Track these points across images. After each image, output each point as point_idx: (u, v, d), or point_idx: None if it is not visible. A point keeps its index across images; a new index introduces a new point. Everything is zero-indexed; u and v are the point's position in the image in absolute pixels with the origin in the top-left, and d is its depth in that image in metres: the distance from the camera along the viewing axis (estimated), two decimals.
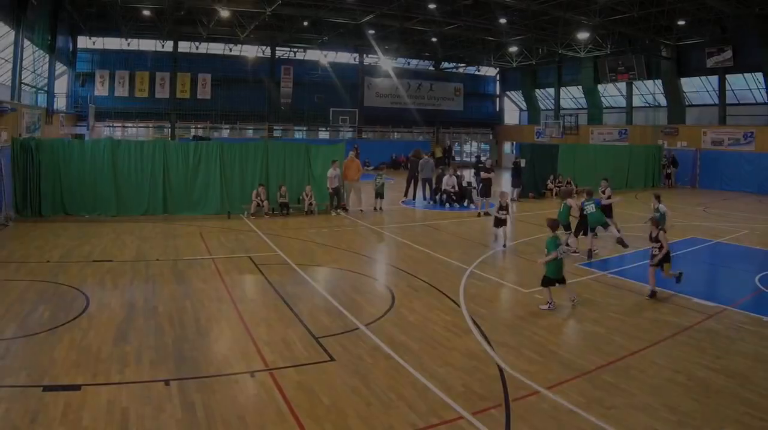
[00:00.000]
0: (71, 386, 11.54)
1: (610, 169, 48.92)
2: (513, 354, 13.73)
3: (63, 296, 17.48)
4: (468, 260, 23.45)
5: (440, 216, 35.30)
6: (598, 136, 71.10)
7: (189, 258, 23.13)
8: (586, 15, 51.49)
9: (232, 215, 32.97)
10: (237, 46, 73.37)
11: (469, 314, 16.63)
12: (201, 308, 16.82)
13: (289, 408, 10.97)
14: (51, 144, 32.29)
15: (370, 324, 15.73)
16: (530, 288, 19.42)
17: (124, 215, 31.90)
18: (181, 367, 12.69)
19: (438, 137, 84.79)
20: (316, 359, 13.33)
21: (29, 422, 10.13)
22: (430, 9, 53.67)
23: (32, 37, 45.97)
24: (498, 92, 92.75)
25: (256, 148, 34.69)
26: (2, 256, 22.58)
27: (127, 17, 61.30)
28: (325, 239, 27.62)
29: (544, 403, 11.35)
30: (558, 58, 74.01)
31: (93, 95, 65.32)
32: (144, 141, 40.01)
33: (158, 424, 10.28)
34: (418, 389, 11.86)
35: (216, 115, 73.48)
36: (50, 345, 13.58)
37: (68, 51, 64.89)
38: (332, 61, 78.65)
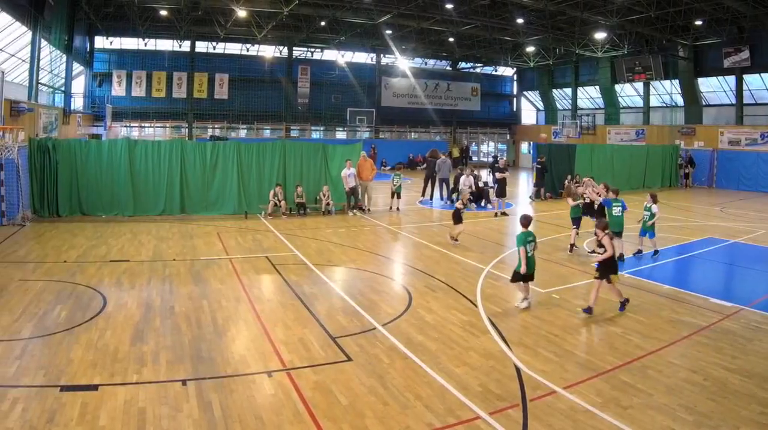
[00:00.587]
0: (88, 386, 11.57)
1: (627, 169, 49.11)
2: (530, 354, 13.72)
3: (80, 296, 17.49)
4: (485, 259, 23.43)
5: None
6: (615, 137, 70.87)
7: (206, 258, 23.16)
8: (603, 15, 51.47)
9: (249, 215, 32.98)
10: (254, 46, 73.36)
11: (486, 314, 16.63)
12: (218, 308, 16.83)
13: (306, 408, 10.98)
14: (68, 144, 32.32)
15: (387, 324, 15.73)
16: (547, 288, 19.42)
17: (141, 215, 31.96)
18: (199, 367, 12.71)
19: (455, 137, 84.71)
20: (333, 359, 13.32)
21: (46, 422, 10.15)
22: (447, 9, 53.56)
23: (49, 37, 46.01)
24: (515, 92, 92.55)
25: (274, 148, 34.64)
26: (19, 256, 22.64)
27: (143, 17, 61.51)
28: (343, 238, 27.60)
29: (561, 403, 11.33)
30: (575, 58, 73.90)
31: (110, 95, 65.38)
32: (161, 141, 39.92)
33: (175, 424, 10.30)
34: (435, 389, 11.85)
35: (233, 115, 73.44)
36: (67, 345, 13.60)
37: (85, 51, 65.07)
38: (349, 61, 78.60)
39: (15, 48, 41.93)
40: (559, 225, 29.17)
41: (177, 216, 32.36)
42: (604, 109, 75.93)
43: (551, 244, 26.59)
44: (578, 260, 23.85)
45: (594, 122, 73.97)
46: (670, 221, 33.65)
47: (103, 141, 41.55)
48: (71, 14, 52.40)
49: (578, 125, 74.38)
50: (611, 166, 48.94)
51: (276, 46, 74.67)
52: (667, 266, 23.59)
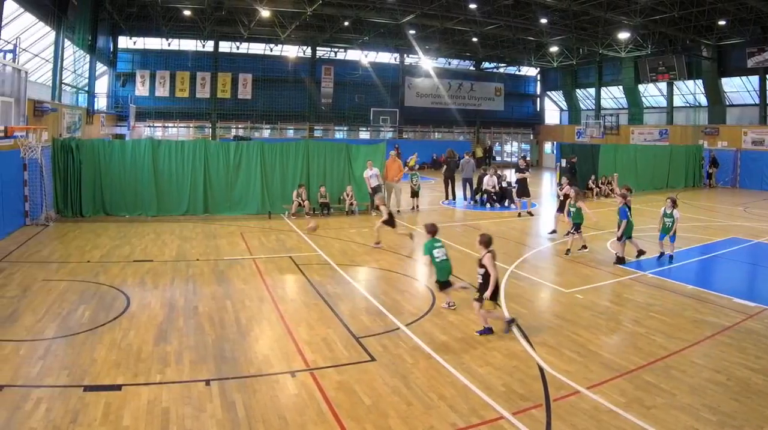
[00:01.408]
0: (112, 386, 11.61)
1: (650, 170, 49.00)
2: (553, 354, 13.71)
3: (103, 296, 17.55)
4: (508, 259, 23.32)
5: (480, 216, 35.18)
6: (638, 137, 70.57)
7: (229, 258, 23.21)
8: (626, 15, 51.32)
9: (272, 215, 33.04)
10: (278, 46, 73.49)
11: (510, 314, 16.47)
12: (242, 308, 16.87)
13: (329, 408, 10.99)
14: (91, 144, 32.49)
15: (411, 324, 15.75)
16: (571, 288, 19.37)
17: (164, 215, 32.07)
18: (222, 367, 12.74)
19: (478, 137, 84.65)
20: (356, 359, 13.34)
21: (69, 422, 10.18)
22: (470, 9, 53.51)
23: (73, 37, 46.10)
24: (538, 92, 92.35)
25: (297, 148, 34.67)
26: (43, 256, 22.72)
27: (167, 17, 61.71)
28: (366, 238, 27.53)
29: (585, 403, 11.31)
30: (598, 58, 73.70)
31: (133, 95, 65.47)
32: (184, 141, 39.97)
33: (199, 424, 10.33)
34: (459, 389, 11.84)
35: (257, 115, 73.55)
36: (91, 345, 13.65)
37: (108, 51, 65.28)
38: (373, 61, 78.62)
39: (38, 48, 42.02)
40: (584, 225, 29.12)
41: (200, 216, 32.47)
42: (628, 110, 75.63)
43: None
44: (601, 259, 23.77)
45: (617, 122, 73.64)
46: (693, 221, 33.58)
47: (126, 141, 41.77)
48: (95, 14, 52.48)
49: (602, 125, 74.11)
50: (635, 167, 48.86)
51: (299, 46, 74.68)
52: (690, 266, 23.45)
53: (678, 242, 24.52)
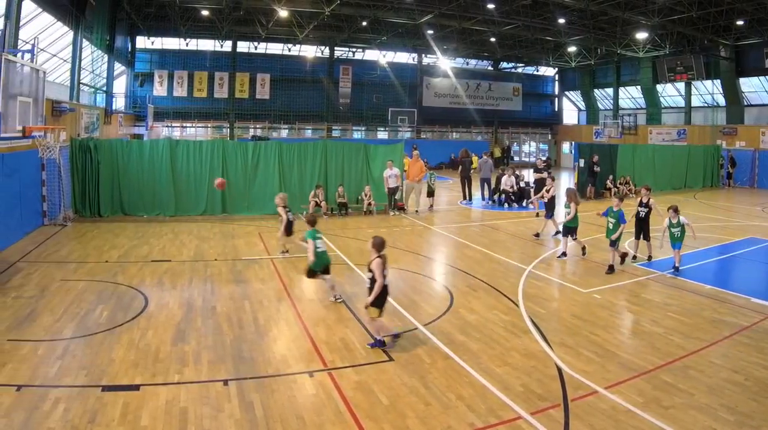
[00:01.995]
0: (130, 386, 11.66)
1: (668, 169, 48.95)
2: (571, 354, 13.72)
3: (121, 296, 17.62)
4: (526, 259, 23.44)
5: (499, 216, 35.12)
6: (656, 137, 70.42)
7: (247, 258, 23.30)
8: (644, 15, 51.22)
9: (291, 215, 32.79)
10: (296, 46, 73.53)
11: (528, 314, 16.64)
12: (260, 308, 16.94)
13: (347, 408, 11.03)
14: (109, 144, 32.58)
15: (429, 324, 15.78)
16: (588, 288, 19.37)
17: (182, 215, 32.16)
18: (240, 367, 12.79)
19: (497, 137, 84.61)
20: (374, 359, 13.39)
21: (88, 422, 10.22)
22: (488, 9, 53.53)
23: (91, 37, 46.20)
24: (556, 92, 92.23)
25: (315, 148, 34.69)
26: (61, 256, 22.77)
27: (185, 17, 61.90)
28: (385, 239, 27.37)
29: (603, 403, 11.32)
30: (617, 58, 73.50)
31: (151, 95, 65.45)
32: (202, 141, 39.95)
33: (217, 424, 10.37)
34: (477, 389, 11.86)
35: (275, 115, 73.67)
36: (109, 345, 13.71)
37: (127, 51, 65.55)
38: (391, 61, 78.67)
39: (56, 48, 42.13)
40: (601, 225, 28.93)
41: (218, 216, 32.54)
42: (646, 110, 75.50)
43: (593, 244, 26.37)
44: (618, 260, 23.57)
45: (635, 122, 73.58)
46: (711, 221, 33.51)
47: (144, 141, 41.91)
48: (112, 14, 52.66)
49: (620, 125, 74.00)
50: (653, 167, 48.89)
51: (317, 46, 74.70)
52: (708, 265, 23.44)
53: (696, 242, 24.43)
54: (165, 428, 10.17)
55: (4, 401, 10.89)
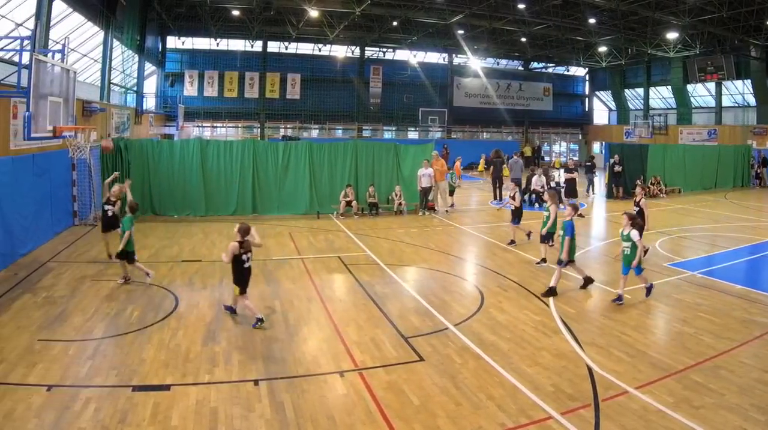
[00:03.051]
0: (160, 386, 11.72)
1: (699, 170, 48.73)
2: (602, 354, 13.71)
3: (152, 296, 17.69)
4: (556, 259, 23.04)
5: (529, 216, 34.39)
6: (687, 137, 70.02)
7: (278, 258, 23.32)
8: (675, 15, 50.96)
9: (321, 215, 33.16)
10: (326, 46, 73.67)
11: (558, 314, 16.63)
12: (290, 308, 16.97)
13: (378, 408, 11.04)
14: (140, 144, 32.75)
15: (460, 324, 15.75)
16: (619, 288, 19.03)
17: (212, 215, 32.25)
18: (271, 367, 12.83)
19: (527, 137, 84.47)
20: (405, 359, 13.38)
21: (118, 422, 10.28)
22: (519, 9, 53.42)
23: (121, 37, 46.46)
24: (587, 92, 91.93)
25: (345, 148, 34.70)
26: (91, 255, 22.92)
27: (216, 17, 62.19)
28: (414, 239, 27.62)
29: (633, 403, 11.32)
30: (647, 58, 73.13)
31: (182, 95, 65.98)
32: (233, 141, 40.08)
33: (247, 424, 10.40)
34: (508, 389, 11.87)
35: (305, 115, 73.90)
36: (139, 345, 13.78)
37: (157, 51, 65.96)
38: (421, 61, 78.63)
39: (87, 48, 42.34)
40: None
41: (249, 216, 32.35)
42: (676, 110, 75.12)
43: (618, 244, 26.17)
44: (649, 259, 23.33)
45: (666, 122, 73.19)
46: (742, 221, 33.30)
47: (175, 141, 42.05)
48: (143, 14, 52.93)
49: (650, 125, 73.58)
50: (683, 167, 48.66)
51: (348, 46, 74.86)
52: (739, 265, 23.28)
53: (726, 242, 24.36)
54: (195, 428, 10.22)
55: (35, 401, 10.95)
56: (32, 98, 17.04)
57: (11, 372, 12.17)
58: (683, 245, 25.98)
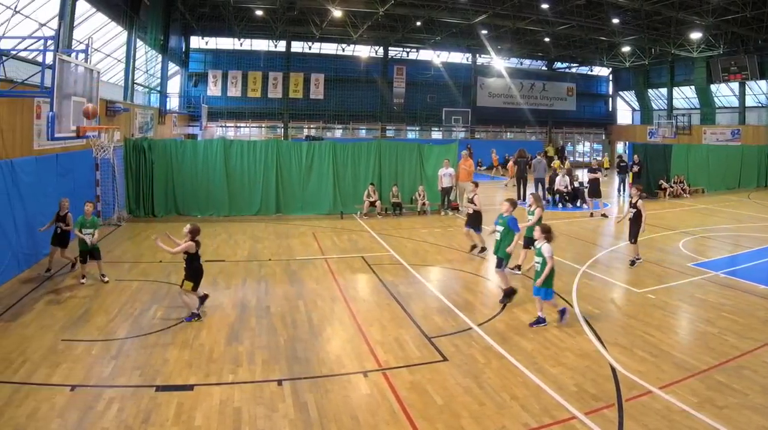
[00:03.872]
0: (184, 386, 11.76)
1: (722, 169, 48.56)
2: (626, 354, 13.69)
3: (175, 296, 17.58)
4: (580, 259, 23.36)
5: (553, 216, 34.34)
6: (710, 137, 69.66)
7: (302, 258, 23.35)
8: (698, 15, 50.79)
9: (344, 215, 33.21)
10: (350, 46, 73.77)
11: (582, 314, 16.64)
12: (314, 308, 17.00)
13: (401, 408, 11.06)
14: (163, 144, 32.83)
15: (483, 324, 15.76)
16: (642, 288, 19.26)
17: (236, 215, 32.35)
18: (294, 367, 12.85)
19: (550, 137, 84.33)
20: (428, 359, 13.38)
21: (141, 422, 10.32)
22: (542, 9, 53.34)
23: (145, 37, 46.65)
24: (611, 92, 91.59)
25: (369, 149, 34.74)
26: (115, 256, 22.93)
27: (239, 17, 62.38)
28: (438, 238, 27.58)
29: (657, 403, 11.31)
30: (671, 58, 72.67)
31: (205, 95, 66.50)
32: (256, 141, 40.14)
33: (271, 424, 10.42)
34: (531, 389, 11.87)
35: (329, 115, 74.04)
36: (163, 345, 13.83)
37: (181, 51, 66.16)
38: (445, 61, 78.67)
39: (111, 48, 42.53)
40: (655, 225, 28.91)
41: (272, 216, 32.66)
42: (700, 110, 74.76)
43: (647, 244, 26.04)
44: (674, 260, 23.49)
45: (689, 122, 72.86)
46: (765, 221, 33.08)
47: (198, 141, 42.26)
48: (167, 14, 53.16)
49: (674, 125, 73.32)
50: (707, 167, 48.47)
51: (371, 46, 75.07)
52: (762, 266, 23.01)
53: (749, 242, 24.27)
54: (219, 428, 10.25)
55: (58, 401, 11.00)
56: (56, 98, 17.07)
57: (35, 372, 12.23)
58: (707, 245, 25.92)
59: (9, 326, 15.05)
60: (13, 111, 20.80)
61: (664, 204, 39.41)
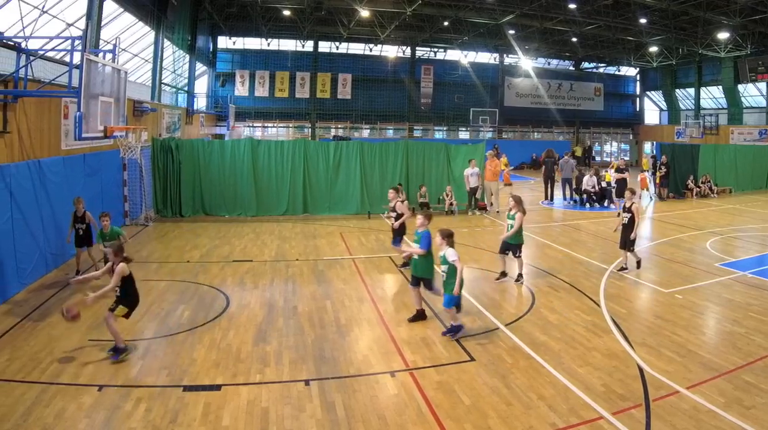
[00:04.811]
0: (211, 386, 11.82)
1: (750, 169, 48.42)
2: (653, 354, 13.64)
3: (203, 296, 17.81)
4: (608, 259, 23.30)
5: (580, 216, 34.97)
6: (738, 137, 69.17)
7: (329, 258, 23.38)
8: (726, 15, 50.60)
9: (372, 215, 33.22)
10: (377, 45, 73.87)
11: (609, 314, 16.57)
12: (341, 308, 17.02)
13: (429, 408, 11.06)
14: (191, 144, 33.00)
15: (510, 324, 15.76)
16: (670, 288, 19.20)
17: (263, 215, 32.36)
18: (322, 367, 12.87)
19: (578, 137, 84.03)
20: (456, 358, 13.38)
21: (169, 422, 10.38)
22: (570, 9, 53.24)
23: (172, 37, 46.77)
24: (638, 92, 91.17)
25: (396, 148, 34.76)
26: (143, 256, 22.99)
27: (266, 17, 62.44)
28: (465, 239, 27.30)
29: (684, 403, 11.28)
30: (698, 58, 72.39)
31: (233, 95, 66.67)
32: (284, 141, 40.02)
33: (298, 424, 10.44)
34: (558, 389, 11.86)
35: (356, 115, 74.14)
36: (190, 345, 13.91)
37: (208, 51, 66.33)
38: (472, 61, 78.55)
39: (138, 48, 42.61)
40: (682, 225, 28.85)
41: (300, 216, 32.73)
42: (727, 110, 74.33)
43: (674, 244, 26.25)
44: (701, 260, 23.39)
45: (717, 122, 72.44)
46: None
47: (226, 141, 42.06)
48: (194, 14, 53.28)
49: (701, 125, 72.88)
50: (734, 167, 48.29)
51: (399, 46, 75.05)
52: None
53: None
54: (246, 428, 10.28)
55: (85, 400, 11.06)
56: (83, 98, 17.12)
57: (62, 372, 12.31)
58: (734, 245, 25.87)
59: (37, 325, 15.19)
60: (40, 111, 20.88)
61: (692, 204, 39.38)
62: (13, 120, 18.68)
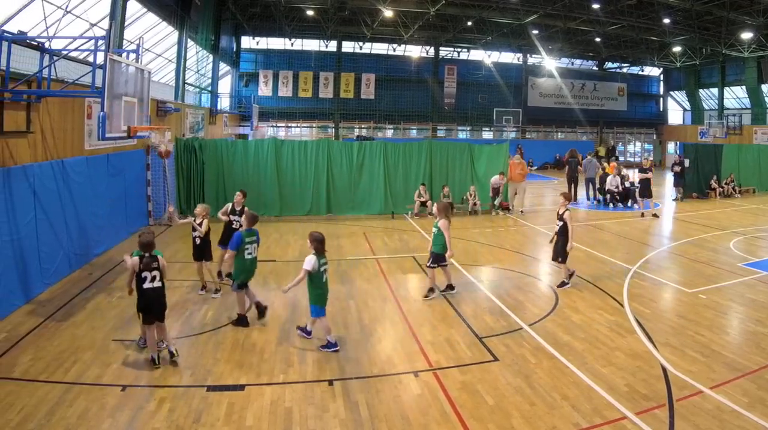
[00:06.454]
0: (235, 386, 11.87)
1: None
2: (676, 354, 13.63)
3: (226, 297, 17.84)
4: (631, 259, 23.17)
5: (603, 216, 34.92)
6: (761, 137, 68.88)
7: (353, 258, 23.44)
8: (749, 15, 50.33)
9: (395, 215, 33.26)
10: (401, 45, 73.85)
11: (633, 314, 16.54)
12: (365, 308, 17.06)
13: (452, 408, 11.08)
14: (214, 144, 33.02)
15: (534, 324, 15.75)
16: (693, 288, 19.15)
17: (287, 215, 32.39)
18: (345, 367, 12.90)
19: (601, 137, 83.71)
20: (479, 359, 13.40)
21: (193, 421, 10.44)
22: (593, 9, 53.07)
23: (196, 37, 46.82)
24: (661, 92, 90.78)
25: (420, 148, 34.68)
26: (166, 256, 22.45)
27: (290, 17, 62.57)
28: (489, 239, 27.57)
29: (708, 403, 11.28)
30: (721, 58, 71.91)
31: (256, 95, 66.74)
32: (308, 141, 40.03)
33: (322, 424, 10.48)
34: (582, 389, 11.88)
35: (380, 115, 74.05)
36: (214, 345, 13.97)
37: (231, 51, 66.33)
38: (496, 61, 78.41)
39: (161, 48, 42.76)
40: (706, 225, 28.75)
41: (323, 216, 32.78)
42: (751, 110, 73.98)
43: (698, 244, 26.16)
44: (724, 260, 23.28)
45: (740, 122, 72.19)
46: None
47: (249, 141, 42.02)
48: (217, 14, 53.38)
49: (725, 125, 72.65)
50: (758, 167, 48.14)
51: (422, 46, 74.98)
52: None
53: None
54: (270, 428, 10.33)
55: (109, 401, 11.12)
56: (107, 98, 17.14)
57: (86, 372, 12.37)
58: (758, 245, 25.78)
59: (60, 325, 15.21)
60: (64, 111, 20.92)
61: (715, 204, 39.29)
62: (37, 120, 18.72)
